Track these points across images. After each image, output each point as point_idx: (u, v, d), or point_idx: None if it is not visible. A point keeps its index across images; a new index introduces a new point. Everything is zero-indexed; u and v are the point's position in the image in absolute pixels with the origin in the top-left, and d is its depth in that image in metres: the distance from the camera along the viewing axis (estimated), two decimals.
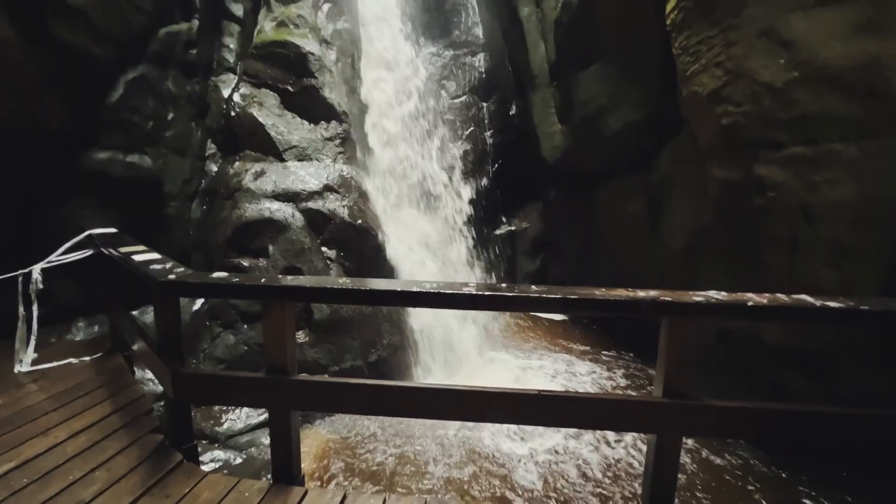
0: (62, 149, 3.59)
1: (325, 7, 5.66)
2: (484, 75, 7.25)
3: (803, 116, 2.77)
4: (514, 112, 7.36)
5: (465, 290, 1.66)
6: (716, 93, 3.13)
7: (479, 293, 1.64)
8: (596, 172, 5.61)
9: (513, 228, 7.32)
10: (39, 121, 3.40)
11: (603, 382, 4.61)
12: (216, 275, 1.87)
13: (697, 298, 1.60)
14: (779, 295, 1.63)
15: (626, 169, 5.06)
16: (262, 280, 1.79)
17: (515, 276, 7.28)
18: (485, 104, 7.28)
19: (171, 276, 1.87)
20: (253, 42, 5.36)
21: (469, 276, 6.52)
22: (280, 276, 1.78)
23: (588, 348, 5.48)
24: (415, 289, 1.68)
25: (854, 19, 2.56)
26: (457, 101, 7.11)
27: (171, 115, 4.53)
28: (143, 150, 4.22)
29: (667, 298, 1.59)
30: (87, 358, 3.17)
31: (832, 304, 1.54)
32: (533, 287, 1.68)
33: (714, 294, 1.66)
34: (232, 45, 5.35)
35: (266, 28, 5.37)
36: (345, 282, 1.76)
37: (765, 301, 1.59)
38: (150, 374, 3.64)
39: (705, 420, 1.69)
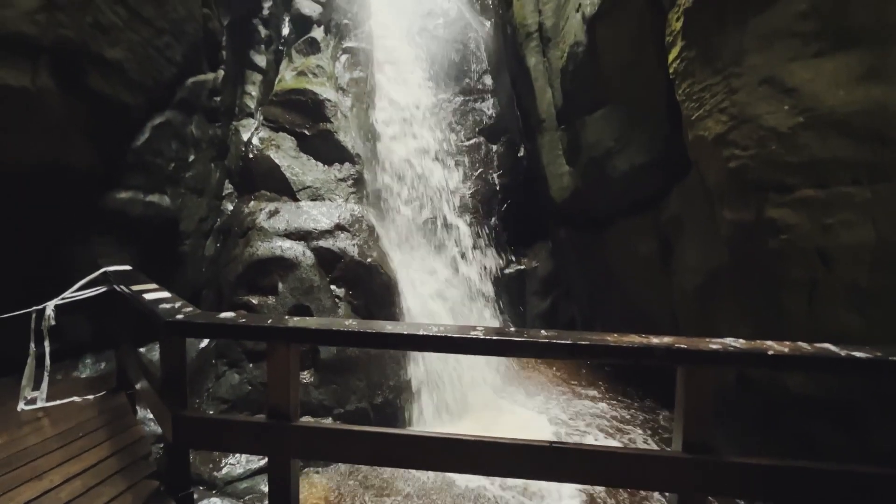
0: (86, 188, 3.73)
1: (343, 58, 6.01)
2: (493, 119, 7.50)
3: (812, 160, 2.77)
4: (522, 154, 7.54)
5: (473, 335, 1.62)
6: (721, 137, 3.18)
7: (487, 338, 1.61)
8: (605, 212, 5.63)
9: (522, 267, 7.29)
10: (68, 162, 3.56)
11: (617, 429, 4.39)
12: (223, 315, 1.87)
13: (714, 346, 1.54)
14: (801, 343, 1.57)
15: (635, 209, 5.07)
16: (269, 321, 1.78)
17: (525, 315, 7.18)
18: (494, 146, 7.49)
19: (179, 316, 1.88)
20: (274, 90, 5.67)
21: (478, 315, 6.43)
22: (286, 317, 1.77)
23: (601, 390, 5.27)
24: (421, 332, 1.65)
25: (856, 68, 2.62)
26: (467, 143, 7.32)
27: (192, 157, 4.73)
28: (164, 190, 4.37)
29: (682, 346, 1.54)
30: (90, 396, 3.13)
31: (858, 354, 1.47)
32: (542, 332, 1.64)
33: (732, 342, 1.59)
34: (254, 93, 5.66)
35: (287, 77, 5.69)
36: (351, 324, 1.74)
37: (786, 350, 1.52)
38: (151, 414, 3.57)
39: (730, 479, 1.57)
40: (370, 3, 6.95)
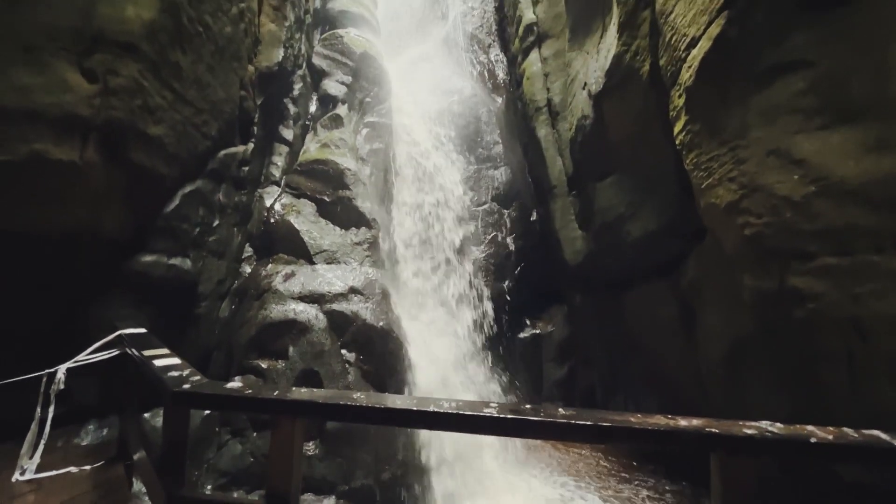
0: (114, 252, 3.89)
1: (364, 131, 6.44)
2: (505, 185, 7.76)
3: (830, 228, 2.73)
4: (534, 218, 7.67)
5: (486, 412, 1.54)
6: (734, 205, 3.18)
7: (501, 416, 1.52)
8: (621, 276, 5.55)
9: (538, 332, 7.10)
10: (101, 228, 3.76)
11: None
12: (229, 385, 1.83)
13: (749, 431, 1.42)
14: (846, 430, 1.43)
15: (652, 273, 4.99)
16: (275, 393, 1.73)
17: (542, 382, 6.85)
18: (506, 211, 7.66)
19: (186, 386, 1.84)
20: (298, 160, 6.03)
21: (492, 383, 6.16)
22: (293, 388, 1.72)
23: (626, 469, 4.82)
24: (431, 408, 1.57)
25: (863, 140, 2.66)
26: (480, 208, 7.52)
27: (216, 222, 4.94)
28: (186, 254, 4.52)
29: (713, 430, 1.42)
30: (87, 467, 3.01)
31: None
32: (560, 411, 1.54)
33: (768, 426, 1.47)
34: (280, 163, 6.03)
35: (311, 149, 6.09)
36: (359, 398, 1.68)
37: (830, 437, 1.39)
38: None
39: None
40: (391, 84, 7.58)
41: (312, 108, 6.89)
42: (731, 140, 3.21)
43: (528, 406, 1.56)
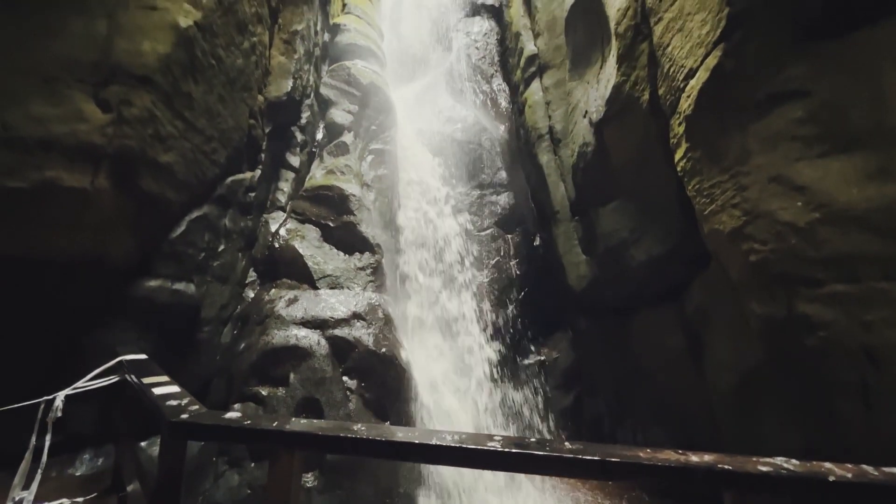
0: (119, 277, 3.91)
1: (369, 158, 6.56)
2: (508, 211, 7.81)
3: (837, 255, 2.71)
4: (538, 243, 7.68)
5: (490, 446, 1.49)
6: (738, 231, 3.18)
7: (505, 450, 1.47)
8: (626, 302, 5.50)
9: (542, 358, 6.98)
10: (108, 253, 3.79)
11: None
12: (227, 416, 1.80)
13: (765, 468, 1.36)
14: (866, 468, 1.37)
15: (658, 299, 4.94)
16: (274, 423, 1.69)
17: (547, 411, 6.67)
18: (510, 236, 7.68)
19: (184, 416, 1.81)
20: (304, 186, 6.13)
21: (496, 410, 6.02)
22: (293, 419, 1.68)
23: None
24: (434, 441, 1.53)
25: (864, 167, 2.67)
26: (483, 233, 7.55)
27: (222, 247, 4.98)
28: (191, 279, 4.54)
29: (727, 467, 1.37)
30: (81, 499, 2.92)
31: None
32: (567, 445, 1.49)
33: (784, 462, 1.41)
34: (286, 189, 6.12)
35: (317, 175, 6.19)
36: (360, 430, 1.64)
37: (849, 475, 1.33)
38: None
39: None
40: (396, 112, 7.77)
41: (319, 135, 7.05)
42: (732, 167, 3.23)
43: (533, 440, 1.52)
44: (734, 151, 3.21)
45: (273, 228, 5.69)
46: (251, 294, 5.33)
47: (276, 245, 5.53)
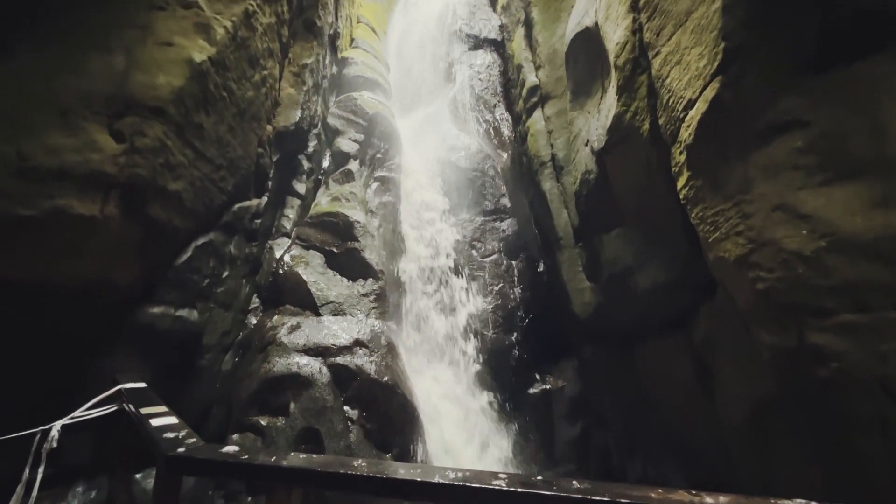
0: (121, 304, 3.91)
1: (374, 185, 6.66)
2: (512, 237, 7.83)
3: (846, 284, 2.67)
4: (542, 269, 7.65)
5: (496, 484, 1.44)
6: (743, 259, 3.15)
7: (512, 489, 1.42)
8: (632, 329, 5.42)
9: (548, 387, 6.82)
10: (113, 280, 3.81)
11: None
12: (225, 449, 1.75)
13: None
14: None
15: (664, 328, 4.87)
16: (272, 459, 1.65)
17: (554, 442, 6.47)
18: (513, 262, 7.67)
19: (180, 450, 1.77)
20: (310, 213, 6.21)
21: (501, 443, 5.84)
22: (292, 453, 1.64)
23: None
24: (437, 479, 1.48)
25: (867, 196, 2.67)
26: (486, 259, 7.55)
27: (226, 273, 5.00)
28: (194, 305, 4.54)
29: None
30: None
31: None
32: (574, 484, 1.44)
33: None
34: (291, 216, 6.20)
35: (322, 202, 6.28)
36: (360, 465, 1.59)
37: None
38: None
39: None
40: (401, 141, 7.94)
41: (325, 163, 7.20)
42: (735, 195, 3.24)
43: (539, 478, 1.46)
44: (736, 180, 3.22)
45: (278, 255, 5.73)
46: (254, 320, 5.30)
47: (280, 271, 5.54)
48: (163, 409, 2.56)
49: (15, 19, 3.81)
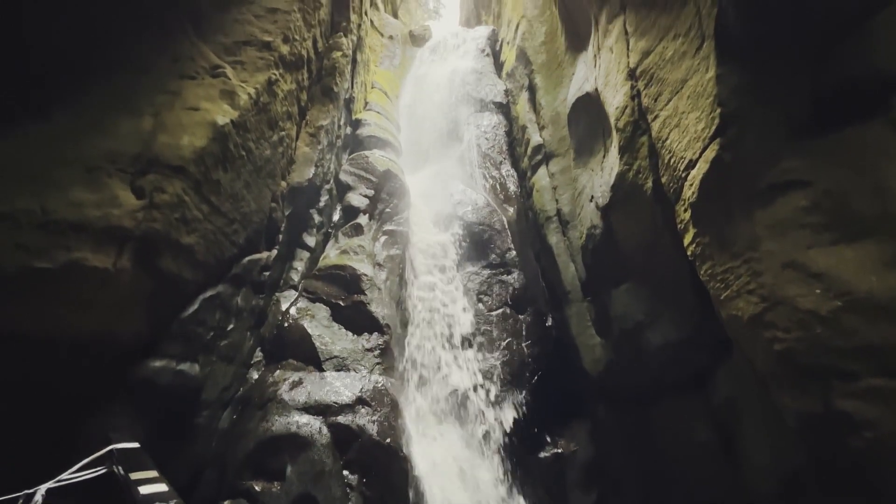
0: (123, 358, 3.85)
1: (382, 239, 6.76)
2: (519, 291, 7.75)
3: (868, 346, 2.57)
4: (550, 324, 7.49)
5: None
6: (757, 318, 3.07)
7: None
8: (647, 388, 5.18)
9: (559, 451, 6.41)
10: (119, 332, 3.78)
11: None
12: None
13: None
14: None
15: (681, 388, 4.65)
16: None
17: None
18: (521, 316, 7.53)
19: None
20: (318, 265, 6.26)
21: None
22: None
23: None
24: None
25: (879, 255, 2.64)
26: (493, 313, 7.43)
27: (231, 326, 4.96)
28: (196, 359, 4.45)
29: None
30: None
31: None
32: None
33: None
34: (300, 268, 6.25)
35: (331, 255, 6.35)
36: None
37: None
38: None
39: None
40: (410, 196, 8.17)
41: (336, 217, 7.37)
42: (743, 252, 3.22)
43: None
44: (743, 237, 3.22)
45: (284, 307, 5.70)
46: (255, 375, 5.17)
47: (286, 324, 5.49)
48: (153, 474, 2.43)
49: (56, 87, 4.13)
